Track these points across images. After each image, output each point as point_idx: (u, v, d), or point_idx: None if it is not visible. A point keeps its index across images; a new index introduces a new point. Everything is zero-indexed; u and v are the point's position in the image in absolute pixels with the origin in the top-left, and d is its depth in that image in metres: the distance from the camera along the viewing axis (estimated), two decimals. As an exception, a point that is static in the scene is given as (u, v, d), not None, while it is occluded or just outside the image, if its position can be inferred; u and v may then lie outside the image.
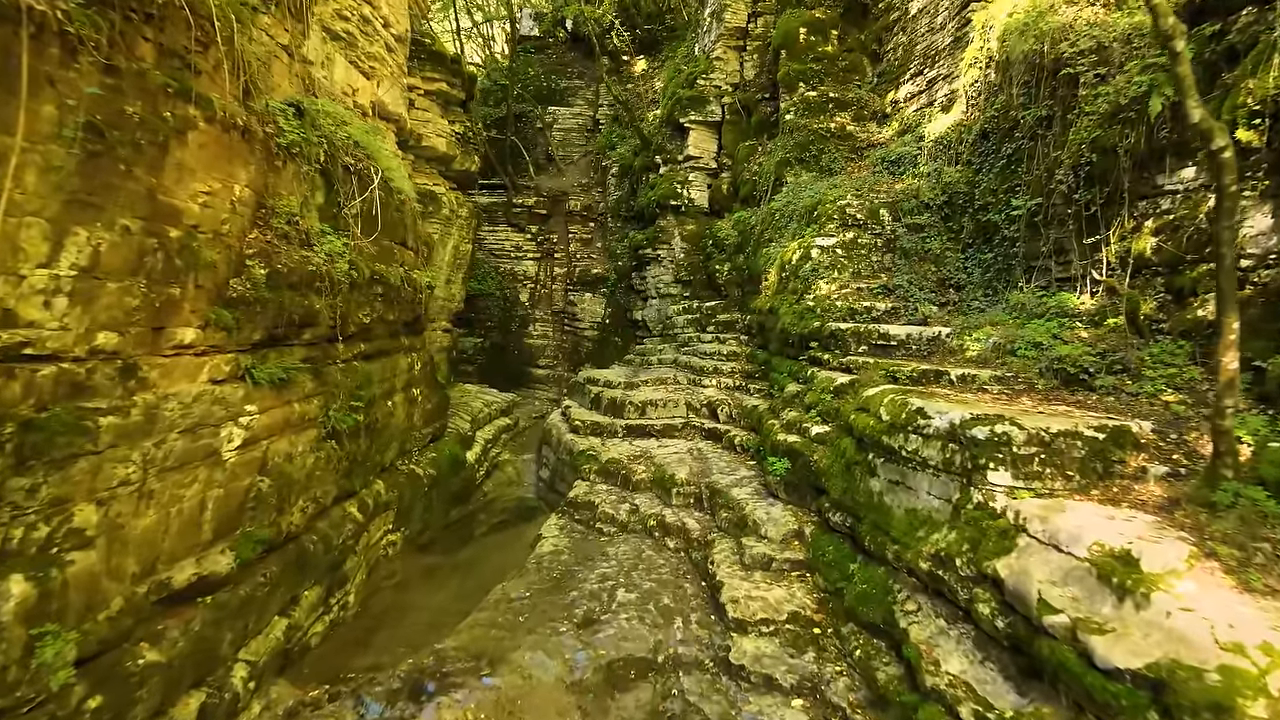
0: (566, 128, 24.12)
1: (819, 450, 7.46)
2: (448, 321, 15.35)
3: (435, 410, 10.27)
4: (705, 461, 9.58)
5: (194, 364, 4.68)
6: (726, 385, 12.15)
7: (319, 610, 5.95)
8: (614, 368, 15.41)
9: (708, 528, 7.96)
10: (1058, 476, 4.93)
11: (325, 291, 6.32)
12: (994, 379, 7.04)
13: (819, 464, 7.25)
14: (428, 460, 9.44)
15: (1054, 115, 8.63)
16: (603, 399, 12.04)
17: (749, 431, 10.18)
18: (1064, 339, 7.29)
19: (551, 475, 11.56)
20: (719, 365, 12.78)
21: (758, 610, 6.03)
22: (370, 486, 7.52)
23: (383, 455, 8.00)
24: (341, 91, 9.69)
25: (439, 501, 9.52)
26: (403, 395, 8.76)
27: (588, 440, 10.84)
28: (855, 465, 6.48)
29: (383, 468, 8.06)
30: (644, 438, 10.94)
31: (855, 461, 6.50)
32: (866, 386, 7.23)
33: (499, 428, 14.00)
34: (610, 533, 8.47)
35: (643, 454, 10.18)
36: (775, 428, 8.70)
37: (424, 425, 9.74)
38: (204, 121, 4.84)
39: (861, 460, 6.39)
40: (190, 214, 4.72)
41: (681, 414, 11.49)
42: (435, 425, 10.32)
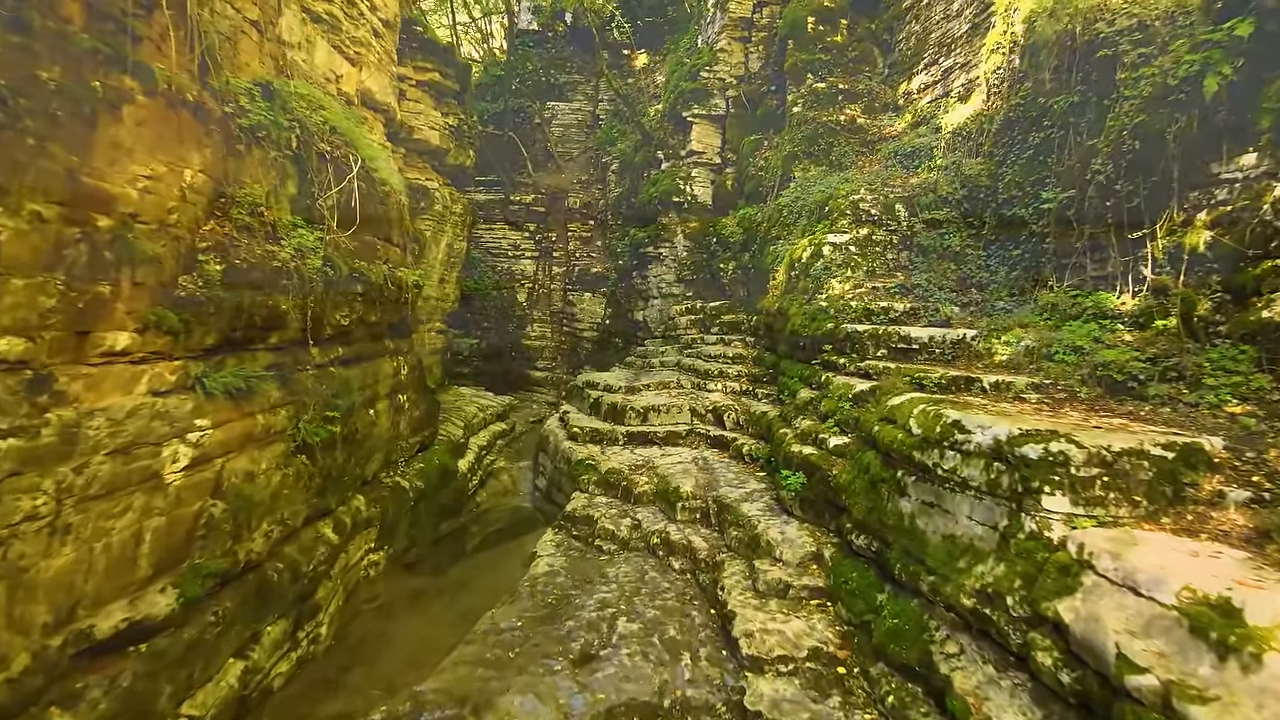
0: (565, 123, 23.49)
1: (838, 464, 6.83)
2: (441, 322, 14.72)
3: (424, 417, 9.65)
4: (712, 472, 8.95)
5: (129, 374, 4.04)
6: (733, 390, 11.53)
7: (284, 647, 5.33)
8: (614, 370, 14.79)
9: (716, 547, 7.33)
10: (1122, 502, 4.30)
11: (294, 290, 5.69)
12: (1031, 386, 6.41)
13: (839, 479, 6.62)
14: (415, 471, 8.82)
15: (1088, 101, 7.99)
16: (602, 404, 11.42)
17: (758, 440, 9.55)
18: (1106, 342, 6.66)
19: (549, 484, 10.93)
20: (724, 368, 12.16)
21: (774, 646, 5.40)
22: (349, 503, 6.90)
23: (364, 468, 7.38)
24: (323, 77, 9.06)
25: (427, 515, 8.89)
26: (387, 402, 8.13)
27: (586, 448, 10.21)
28: (881, 483, 5.85)
29: (364, 481, 7.44)
30: (646, 445, 10.32)
31: (881, 479, 5.87)
32: (890, 394, 6.60)
33: (494, 433, 13.38)
34: (610, 551, 7.85)
35: (645, 463, 9.56)
36: (788, 437, 8.07)
37: (411, 434, 9.12)
38: (143, 95, 4.21)
39: (889, 477, 5.76)
40: (126, 200, 4.09)
41: (685, 420, 10.86)
42: (424, 433, 9.69)
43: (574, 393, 13.21)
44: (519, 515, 10.64)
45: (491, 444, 12.92)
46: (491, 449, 12.81)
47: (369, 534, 7.30)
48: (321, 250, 6.23)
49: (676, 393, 11.85)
